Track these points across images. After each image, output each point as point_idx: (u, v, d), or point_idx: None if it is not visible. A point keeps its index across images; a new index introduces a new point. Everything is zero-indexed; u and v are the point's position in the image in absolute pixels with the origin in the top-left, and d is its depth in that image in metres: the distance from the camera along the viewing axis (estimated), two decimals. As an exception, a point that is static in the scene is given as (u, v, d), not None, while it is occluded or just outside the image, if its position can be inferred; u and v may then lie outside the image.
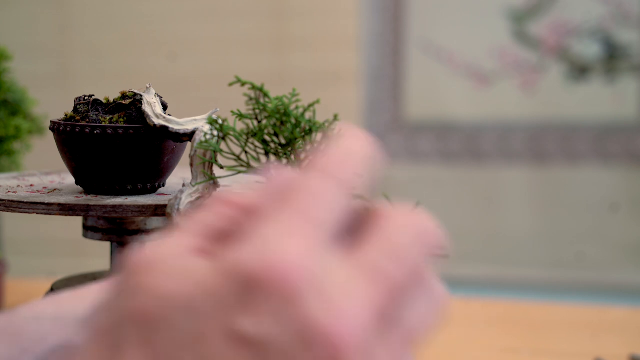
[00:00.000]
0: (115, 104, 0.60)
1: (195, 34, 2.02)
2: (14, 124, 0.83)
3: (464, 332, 0.97)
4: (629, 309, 1.07)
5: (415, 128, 2.09)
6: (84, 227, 0.64)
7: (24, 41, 2.03)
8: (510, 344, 0.93)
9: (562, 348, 0.92)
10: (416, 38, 2.08)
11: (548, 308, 1.10)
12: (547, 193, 2.06)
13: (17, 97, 0.86)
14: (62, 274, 0.71)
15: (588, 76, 2.03)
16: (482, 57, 2.06)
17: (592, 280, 2.03)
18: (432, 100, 2.09)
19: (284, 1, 1.99)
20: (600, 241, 2.04)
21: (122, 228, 0.62)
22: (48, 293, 0.67)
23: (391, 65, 2.09)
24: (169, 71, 2.01)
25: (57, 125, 0.59)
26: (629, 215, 2.02)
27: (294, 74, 1.97)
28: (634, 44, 2.01)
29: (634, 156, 2.02)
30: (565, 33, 2.03)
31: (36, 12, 2.05)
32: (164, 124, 0.57)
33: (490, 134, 2.07)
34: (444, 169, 2.08)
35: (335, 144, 0.31)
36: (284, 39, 1.99)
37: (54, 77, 2.04)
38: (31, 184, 0.64)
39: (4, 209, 0.56)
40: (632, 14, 2.01)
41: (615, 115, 2.02)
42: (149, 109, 0.57)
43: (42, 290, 0.70)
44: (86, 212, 0.54)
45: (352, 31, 1.99)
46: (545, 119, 2.05)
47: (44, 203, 0.55)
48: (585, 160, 2.04)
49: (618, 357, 0.87)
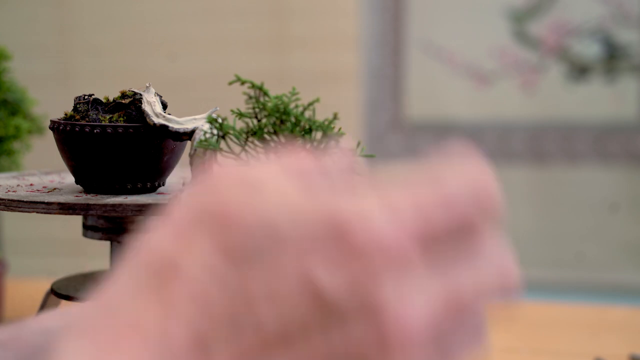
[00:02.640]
0: (115, 103, 0.60)
1: (195, 34, 2.02)
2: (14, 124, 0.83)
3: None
4: (629, 309, 1.07)
5: (415, 128, 2.09)
6: (84, 227, 0.64)
7: (24, 41, 2.03)
8: (510, 344, 0.93)
9: (562, 348, 0.92)
10: (416, 38, 2.08)
11: (548, 308, 1.09)
12: (547, 193, 2.06)
13: (17, 96, 0.86)
14: (62, 273, 0.71)
15: (588, 76, 2.03)
16: (482, 57, 2.06)
17: (592, 280, 2.03)
18: (432, 100, 2.09)
19: (284, 1, 1.99)
20: (600, 241, 2.04)
21: (122, 227, 0.62)
22: (48, 293, 0.67)
23: (391, 65, 2.09)
24: (169, 71, 2.01)
25: (56, 125, 0.59)
26: (629, 215, 2.02)
27: (294, 74, 1.97)
28: (634, 44, 2.01)
29: (634, 156, 2.02)
30: (565, 33, 2.03)
31: (36, 12, 2.05)
32: (164, 123, 0.57)
33: (490, 134, 2.07)
34: (444, 169, 2.08)
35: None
36: (284, 39, 1.99)
37: (54, 77, 2.04)
38: (31, 184, 0.64)
39: (4, 208, 0.56)
40: (632, 14, 2.01)
41: (615, 115, 2.02)
42: (148, 108, 0.57)
43: (42, 290, 0.70)
44: (86, 211, 0.54)
45: (352, 31, 1.99)
46: (545, 119, 2.05)
47: (43, 202, 0.55)
48: (585, 160, 2.04)
49: (618, 357, 0.87)
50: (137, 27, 2.03)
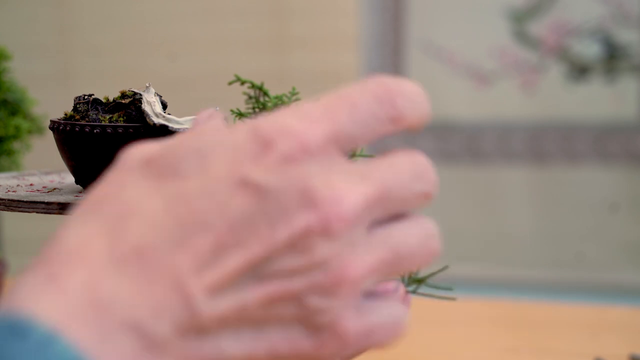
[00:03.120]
0: (115, 103, 0.60)
1: (195, 34, 2.02)
2: (14, 124, 0.83)
3: (464, 332, 0.97)
4: (629, 309, 1.07)
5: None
6: (84, 227, 0.64)
7: (24, 41, 2.03)
8: (511, 344, 0.93)
9: (562, 348, 0.92)
10: (416, 38, 2.08)
11: (548, 308, 1.09)
12: (547, 193, 2.06)
13: (17, 96, 0.86)
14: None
15: (588, 76, 2.03)
16: (482, 57, 2.06)
17: (592, 280, 2.03)
18: (432, 100, 2.07)
19: (284, 1, 1.99)
20: (600, 241, 2.04)
21: (121, 227, 0.62)
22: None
23: (391, 65, 2.09)
24: (169, 71, 2.01)
25: (56, 125, 0.59)
26: (629, 215, 2.02)
27: (293, 74, 1.97)
28: (634, 44, 2.01)
29: (634, 156, 2.02)
30: (565, 33, 2.03)
31: (36, 12, 2.05)
32: (164, 123, 0.57)
33: (490, 134, 2.07)
34: (444, 169, 2.08)
35: None
36: (284, 39, 1.99)
37: (54, 77, 2.04)
38: (31, 184, 0.64)
39: (3, 208, 0.56)
40: (632, 14, 2.01)
41: (615, 115, 2.02)
42: (148, 108, 0.57)
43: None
44: (86, 211, 0.54)
45: (352, 31, 1.99)
46: (545, 119, 2.05)
47: (43, 202, 0.55)
48: (585, 160, 2.04)
49: (618, 357, 0.87)
50: (137, 27, 2.03)
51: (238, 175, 0.29)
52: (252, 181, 0.29)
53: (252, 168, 0.29)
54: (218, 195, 0.29)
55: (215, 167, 0.29)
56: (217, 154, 0.30)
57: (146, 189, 0.30)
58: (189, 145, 0.30)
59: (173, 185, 0.29)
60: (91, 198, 0.31)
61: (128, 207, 0.29)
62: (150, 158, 0.31)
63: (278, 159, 0.29)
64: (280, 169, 0.29)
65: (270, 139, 0.29)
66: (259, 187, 0.29)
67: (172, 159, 0.30)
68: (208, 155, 0.30)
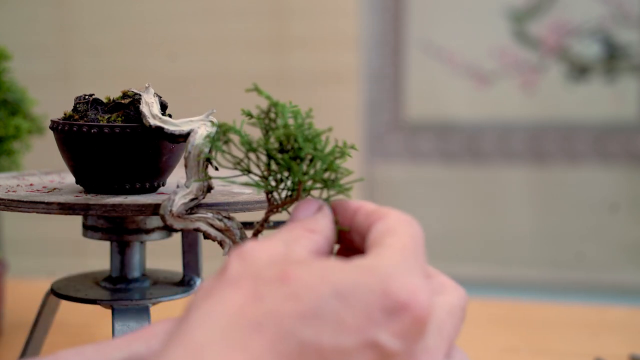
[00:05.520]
0: (115, 103, 0.60)
1: (195, 34, 2.02)
2: (14, 124, 0.83)
3: (464, 332, 0.97)
4: (629, 309, 1.07)
5: (415, 128, 2.09)
6: (84, 227, 0.64)
7: (24, 41, 2.03)
8: (510, 344, 0.93)
9: (562, 348, 0.92)
10: (416, 38, 2.08)
11: (548, 308, 1.09)
12: (547, 193, 2.06)
13: (17, 96, 0.86)
14: (62, 273, 0.71)
15: (588, 76, 2.03)
16: (482, 57, 2.06)
17: (592, 280, 2.03)
18: (432, 100, 2.09)
19: (284, 1, 1.99)
20: (600, 241, 2.04)
21: (122, 227, 0.62)
22: (48, 293, 0.67)
23: (391, 65, 2.09)
24: (169, 71, 2.01)
25: (56, 125, 0.59)
26: (628, 215, 2.02)
27: (294, 74, 1.97)
28: (634, 44, 2.01)
29: (634, 156, 2.02)
30: (565, 33, 2.03)
31: (36, 12, 2.05)
32: (160, 125, 0.56)
33: (490, 134, 2.07)
34: (444, 169, 2.08)
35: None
36: (284, 39, 1.99)
37: (54, 77, 2.04)
38: (31, 183, 0.64)
39: (3, 208, 0.56)
40: (632, 14, 2.01)
41: (615, 115, 2.02)
42: (146, 109, 0.57)
43: (42, 290, 0.70)
44: (86, 211, 0.54)
45: (352, 31, 1.98)
46: (545, 119, 2.05)
47: (43, 202, 0.55)
48: (585, 160, 2.04)
49: (618, 357, 0.87)
50: (137, 27, 2.03)
51: (370, 335, 0.33)
52: (382, 346, 0.33)
53: (383, 332, 0.33)
54: (349, 356, 0.33)
55: (349, 320, 0.33)
56: (353, 307, 0.33)
57: (287, 323, 0.32)
58: (329, 282, 0.33)
59: (312, 331, 0.32)
60: (226, 307, 0.33)
61: (269, 339, 0.32)
62: (283, 276, 0.33)
63: (407, 326, 0.33)
64: (407, 337, 0.34)
65: (402, 305, 0.33)
66: (385, 350, 0.33)
67: (314, 298, 0.33)
68: (347, 301, 0.33)
